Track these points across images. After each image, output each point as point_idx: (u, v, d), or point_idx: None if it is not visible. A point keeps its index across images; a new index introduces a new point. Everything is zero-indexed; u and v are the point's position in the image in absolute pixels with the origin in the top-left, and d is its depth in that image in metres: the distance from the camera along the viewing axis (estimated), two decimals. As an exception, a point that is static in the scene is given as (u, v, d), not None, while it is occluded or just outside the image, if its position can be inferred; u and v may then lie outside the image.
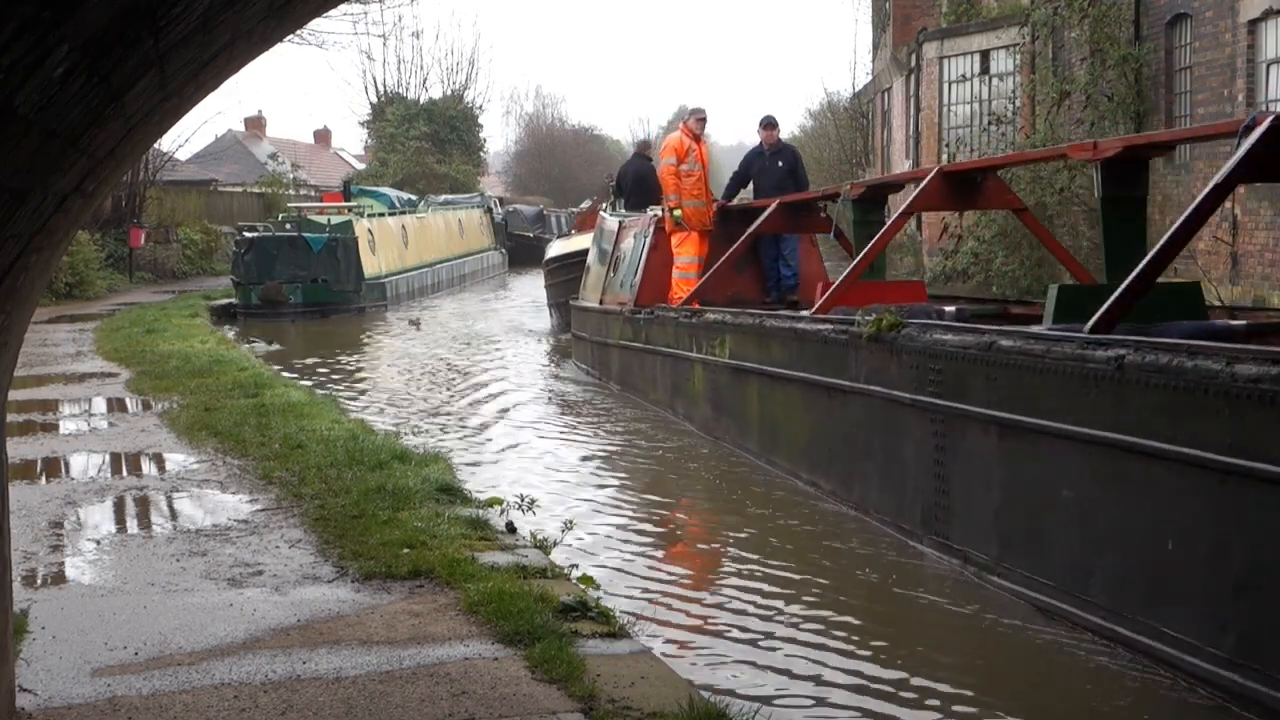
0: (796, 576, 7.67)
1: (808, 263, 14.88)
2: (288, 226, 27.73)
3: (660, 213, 14.86)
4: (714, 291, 13.50)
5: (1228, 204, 17.15)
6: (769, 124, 15.18)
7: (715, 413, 11.98)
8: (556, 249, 23.92)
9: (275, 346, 21.00)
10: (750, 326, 11.02)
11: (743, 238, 13.20)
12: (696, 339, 12.36)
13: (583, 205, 33.91)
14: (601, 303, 16.20)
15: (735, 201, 15.27)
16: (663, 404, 13.56)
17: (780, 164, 14.76)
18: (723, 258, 13.48)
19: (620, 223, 16.44)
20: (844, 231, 13.38)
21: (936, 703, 5.73)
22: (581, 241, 21.58)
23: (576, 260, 20.63)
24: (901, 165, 31.02)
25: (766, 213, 13.08)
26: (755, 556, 8.14)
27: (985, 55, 27.34)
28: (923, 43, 29.16)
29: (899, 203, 12.03)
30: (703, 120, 14.84)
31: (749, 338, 11.04)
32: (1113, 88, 21.26)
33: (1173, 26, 20.18)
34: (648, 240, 14.86)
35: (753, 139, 17.12)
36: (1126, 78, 20.95)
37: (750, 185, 15.41)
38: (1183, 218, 6.83)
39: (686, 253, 14.24)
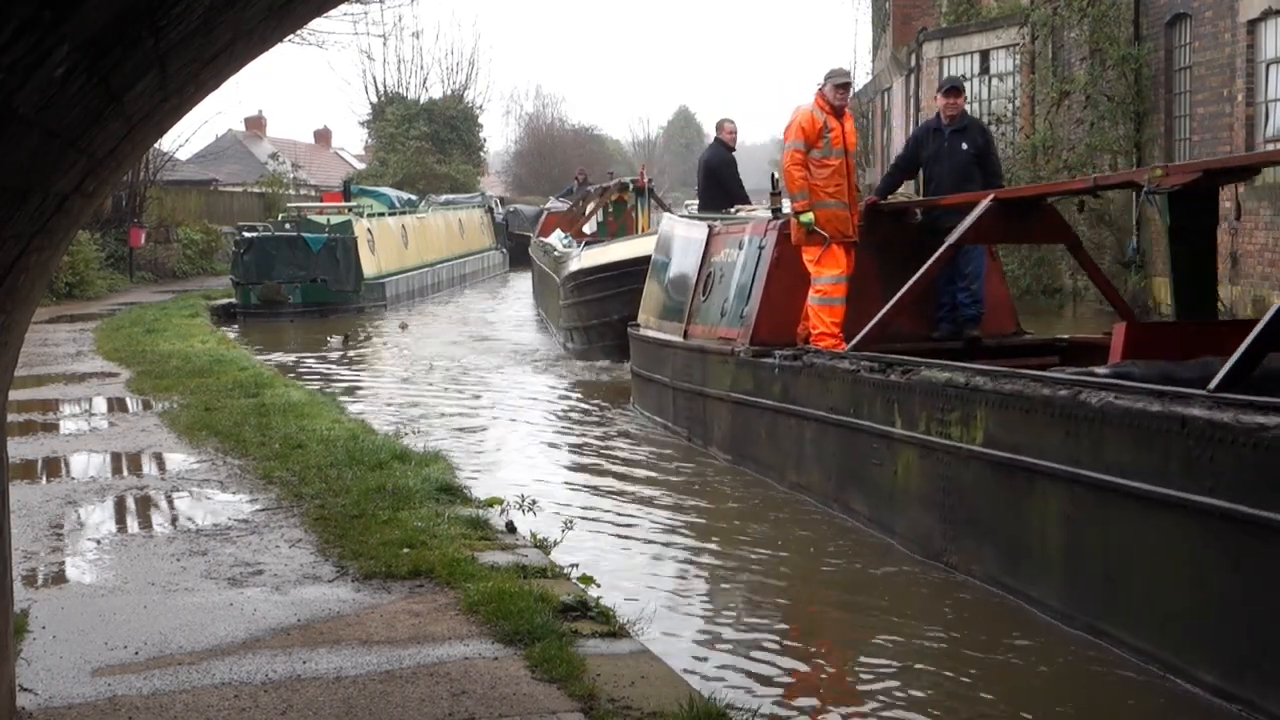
0: (800, 580, 7.67)
1: (989, 284, 10.77)
2: (287, 226, 27.73)
3: (775, 214, 10.97)
4: (862, 324, 9.50)
5: (1227, 204, 17.18)
6: (952, 89, 10.95)
7: (947, 526, 7.60)
8: (587, 259, 18.58)
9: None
10: (1052, 401, 6.56)
11: (942, 249, 9.21)
12: (903, 405, 8.11)
13: (551, 204, 32.59)
14: (686, 335, 11.91)
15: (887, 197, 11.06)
16: (821, 493, 9.24)
17: (964, 145, 10.54)
18: (914, 279, 9.31)
19: (711, 228, 12.18)
20: (1075, 234, 10.20)
21: (941, 705, 5.73)
22: (620, 250, 17.70)
23: (617, 274, 16.89)
24: (901, 165, 31.00)
25: (978, 212, 9.07)
26: (761, 563, 8.14)
27: (985, 55, 27.37)
28: (923, 43, 29.19)
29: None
30: (845, 88, 10.41)
31: (1044, 418, 6.63)
32: (1112, 88, 21.28)
33: (1172, 26, 20.21)
34: (766, 253, 10.67)
35: (753, 140, 14.79)
36: (1126, 78, 20.98)
37: (921, 174, 11.45)
38: None
39: (828, 271, 9.98)
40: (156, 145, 27.88)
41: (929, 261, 9.23)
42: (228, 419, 10.77)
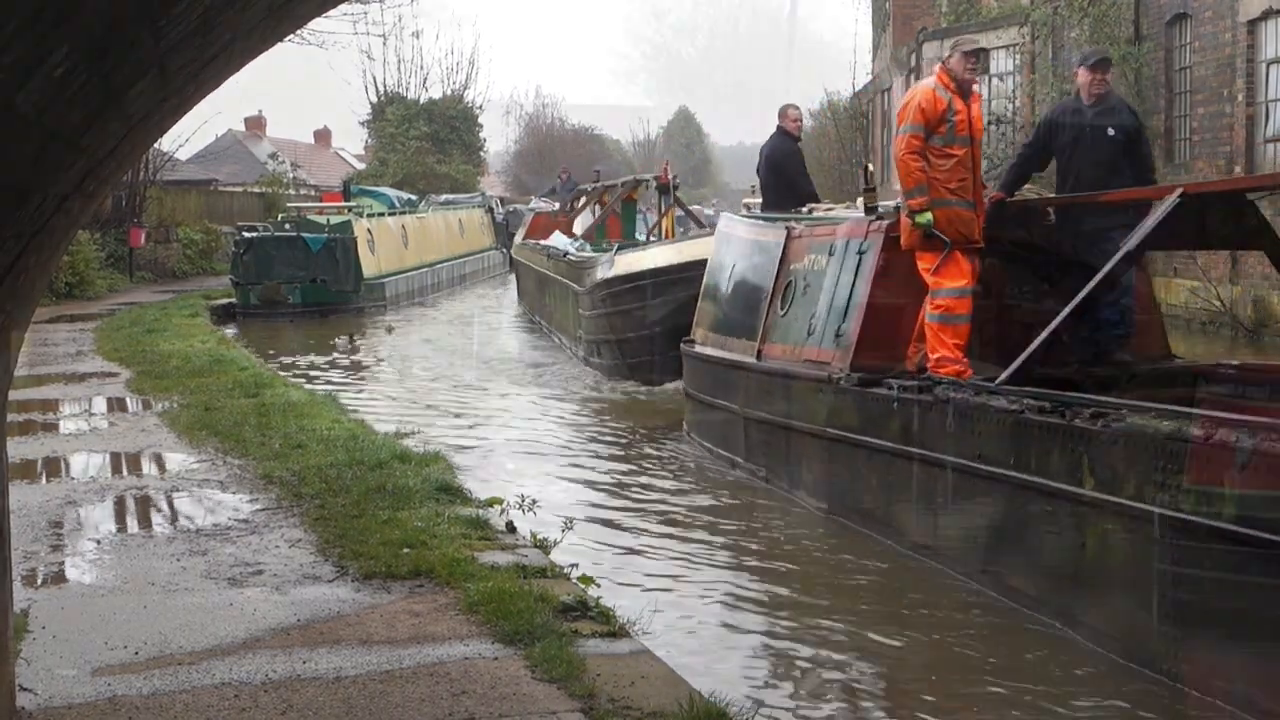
0: (798, 578, 7.67)
1: (1137, 298, 9.05)
2: (287, 226, 27.73)
3: (871, 213, 9.31)
4: (994, 350, 8.00)
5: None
6: (1100, 62, 9.09)
7: (1170, 625, 5.80)
8: (621, 265, 16.07)
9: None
10: None
11: (1118, 255, 7.32)
12: (1097, 461, 6.25)
13: (535, 204, 32.01)
14: (760, 356, 10.15)
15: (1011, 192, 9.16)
16: (960, 560, 7.43)
17: (1110, 131, 8.76)
18: (1082, 294, 7.30)
19: (789, 230, 10.35)
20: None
21: (940, 703, 5.73)
22: (661, 255, 15.55)
23: (659, 281, 14.95)
24: (901, 165, 31.03)
25: (1163, 211, 7.22)
26: (758, 561, 8.14)
27: (985, 55, 27.37)
28: (923, 42, 29.20)
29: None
30: (973, 56, 8.57)
31: None
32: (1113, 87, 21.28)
33: (1173, 26, 20.23)
34: (868, 260, 8.91)
35: (753, 141, 12.90)
36: (1126, 77, 20.99)
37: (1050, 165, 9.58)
38: None
39: (950, 282, 8.28)
40: (156, 145, 27.87)
41: (1101, 271, 7.31)
42: (228, 419, 10.77)
